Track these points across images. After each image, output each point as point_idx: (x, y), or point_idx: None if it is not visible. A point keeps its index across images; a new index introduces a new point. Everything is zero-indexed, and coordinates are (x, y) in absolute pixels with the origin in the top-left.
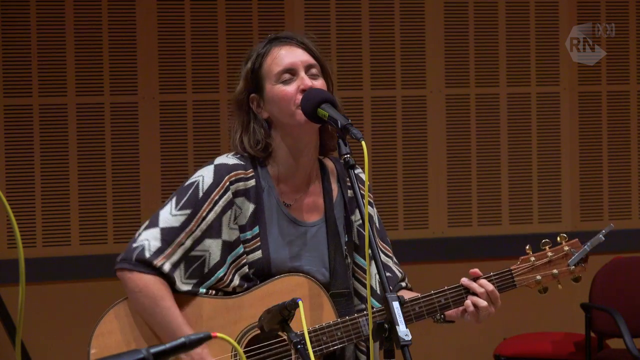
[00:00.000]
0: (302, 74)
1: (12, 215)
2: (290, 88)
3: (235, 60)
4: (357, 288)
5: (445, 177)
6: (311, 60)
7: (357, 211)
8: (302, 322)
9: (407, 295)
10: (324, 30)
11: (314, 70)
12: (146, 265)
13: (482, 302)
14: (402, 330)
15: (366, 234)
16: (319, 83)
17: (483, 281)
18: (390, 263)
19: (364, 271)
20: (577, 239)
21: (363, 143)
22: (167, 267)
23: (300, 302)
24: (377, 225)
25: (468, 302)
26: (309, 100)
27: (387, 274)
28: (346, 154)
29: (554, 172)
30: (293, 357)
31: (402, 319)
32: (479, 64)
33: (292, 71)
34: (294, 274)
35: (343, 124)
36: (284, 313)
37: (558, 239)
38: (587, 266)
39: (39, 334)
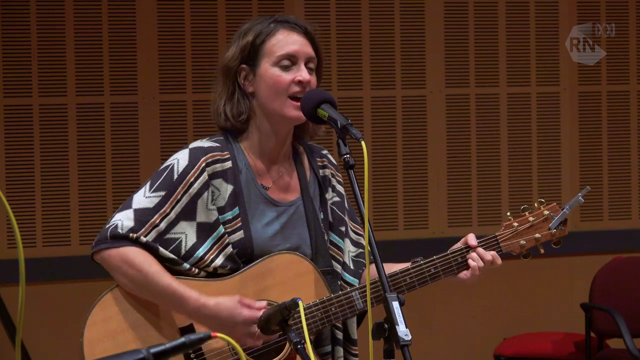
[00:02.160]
0: (302, 65)
1: (12, 215)
2: (287, 76)
3: None
4: (332, 265)
5: (445, 177)
6: (312, 53)
7: (330, 189)
8: (302, 321)
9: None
10: (324, 30)
11: (311, 65)
12: (122, 239)
13: (478, 272)
14: (402, 330)
15: (366, 234)
16: (313, 79)
17: (480, 251)
18: (361, 240)
19: (338, 248)
20: (555, 203)
21: (363, 143)
22: (144, 239)
23: (300, 302)
24: (347, 206)
25: (473, 264)
26: (309, 100)
27: (360, 250)
28: (346, 154)
29: (553, 172)
30: (285, 348)
31: (402, 318)
32: (479, 64)
33: (293, 58)
34: (285, 252)
35: (343, 124)
36: (284, 313)
37: (536, 204)
38: (566, 229)
39: (39, 334)
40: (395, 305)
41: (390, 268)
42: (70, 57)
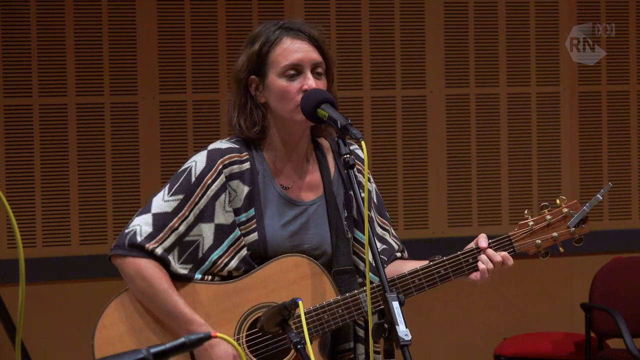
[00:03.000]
0: (308, 73)
1: (12, 215)
2: (293, 86)
3: (235, 61)
4: (356, 263)
5: (445, 177)
6: (319, 58)
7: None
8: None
9: (402, 265)
10: (324, 30)
11: (319, 70)
12: (138, 249)
13: (487, 274)
14: (402, 330)
15: (366, 235)
16: (321, 84)
17: (489, 252)
18: (387, 236)
19: (363, 246)
20: (576, 200)
21: (363, 143)
22: (159, 250)
23: (300, 302)
24: (375, 200)
25: (482, 266)
26: (309, 100)
27: (384, 246)
28: (346, 154)
29: (553, 172)
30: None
31: (402, 318)
32: (479, 64)
33: (298, 67)
34: (292, 254)
35: (343, 124)
36: (283, 313)
37: (557, 201)
38: (587, 227)
39: (39, 334)
40: (395, 305)
41: (412, 266)
42: (70, 57)
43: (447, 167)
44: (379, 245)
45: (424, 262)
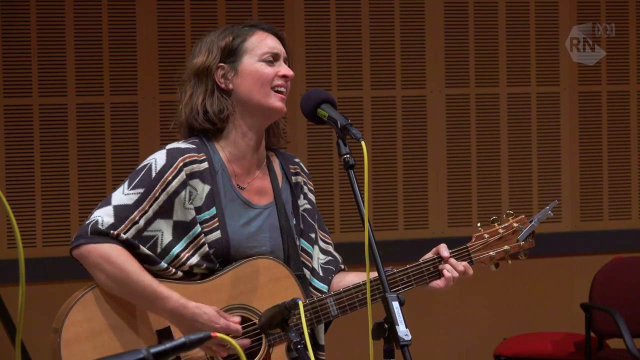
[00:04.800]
0: (282, 62)
1: (12, 215)
2: (270, 70)
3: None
4: (302, 270)
5: (445, 177)
6: (286, 56)
7: (302, 196)
8: (302, 321)
9: (345, 276)
10: (324, 30)
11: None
12: (103, 236)
13: (451, 281)
14: (402, 330)
15: (366, 233)
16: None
17: (452, 262)
18: (330, 248)
19: (308, 254)
20: (523, 215)
21: (363, 143)
22: (123, 236)
23: (300, 302)
24: (317, 215)
25: (448, 275)
26: (309, 100)
27: (329, 258)
28: (346, 154)
29: (554, 172)
30: (263, 342)
31: (402, 318)
32: (479, 64)
33: (276, 56)
34: (261, 256)
35: (343, 124)
36: (284, 313)
37: (504, 216)
38: (534, 241)
39: (39, 334)
40: (395, 305)
41: (354, 278)
42: (70, 57)
43: (447, 167)
44: (322, 257)
45: (363, 274)
